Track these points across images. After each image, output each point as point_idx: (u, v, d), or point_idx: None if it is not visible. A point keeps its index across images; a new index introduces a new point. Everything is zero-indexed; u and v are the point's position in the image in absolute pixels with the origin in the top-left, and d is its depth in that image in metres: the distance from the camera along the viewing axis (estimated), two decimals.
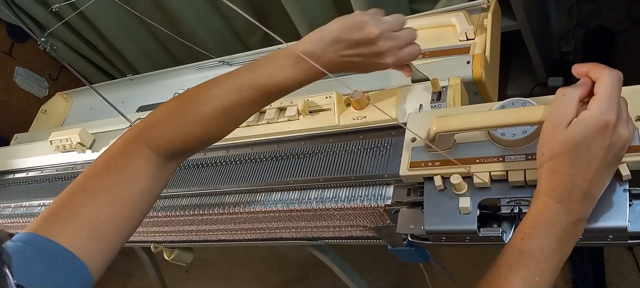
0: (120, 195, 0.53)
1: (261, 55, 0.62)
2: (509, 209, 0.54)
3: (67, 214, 0.50)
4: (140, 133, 0.57)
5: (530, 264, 0.45)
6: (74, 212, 0.50)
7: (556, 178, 0.46)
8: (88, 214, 0.50)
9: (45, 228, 0.48)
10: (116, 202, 0.52)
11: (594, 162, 0.44)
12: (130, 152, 0.55)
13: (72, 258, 0.47)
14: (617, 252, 1.24)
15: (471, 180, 0.56)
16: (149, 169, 0.55)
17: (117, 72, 1.67)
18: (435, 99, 0.69)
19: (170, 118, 0.58)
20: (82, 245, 0.48)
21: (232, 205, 0.76)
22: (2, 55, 1.53)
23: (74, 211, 0.50)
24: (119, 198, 0.53)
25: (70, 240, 0.47)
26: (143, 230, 0.93)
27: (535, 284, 0.44)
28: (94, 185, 0.53)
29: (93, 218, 0.50)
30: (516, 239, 0.47)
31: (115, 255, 0.52)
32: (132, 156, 0.55)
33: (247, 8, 1.32)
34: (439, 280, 0.92)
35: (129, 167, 0.54)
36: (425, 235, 0.59)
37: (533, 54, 1.30)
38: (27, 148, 1.09)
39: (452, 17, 0.82)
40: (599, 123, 0.44)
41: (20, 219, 1.00)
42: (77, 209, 0.50)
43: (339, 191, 0.68)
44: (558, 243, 0.45)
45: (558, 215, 0.46)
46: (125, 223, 0.53)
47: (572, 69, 0.48)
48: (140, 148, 0.56)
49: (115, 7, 1.36)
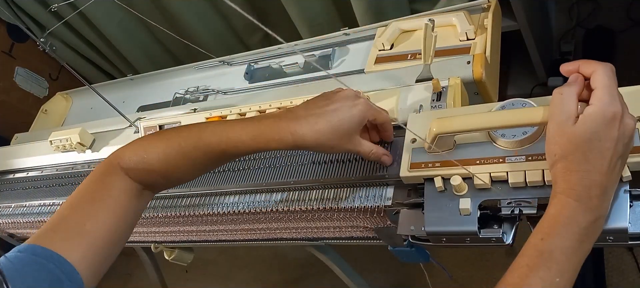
0: (104, 206, 0.57)
1: (261, 55, 0.62)
2: (510, 210, 0.54)
3: (55, 225, 0.54)
4: (118, 153, 0.60)
5: (550, 265, 0.44)
6: (61, 221, 0.54)
7: (572, 176, 0.46)
8: (74, 223, 0.54)
9: (35, 238, 0.52)
10: (101, 212, 0.56)
11: (607, 154, 0.44)
12: (108, 168, 0.59)
13: (62, 261, 0.50)
14: (617, 252, 1.24)
15: (471, 181, 0.56)
16: (123, 186, 0.59)
17: (117, 72, 1.67)
18: (435, 99, 0.69)
19: (140, 143, 0.61)
20: (71, 249, 0.51)
21: (232, 205, 0.76)
22: (2, 55, 1.53)
23: (62, 220, 0.54)
24: (103, 208, 0.56)
25: (59, 245, 0.51)
26: (143, 231, 0.93)
27: (556, 285, 0.44)
28: (77, 200, 0.57)
29: (80, 226, 0.54)
30: (535, 239, 0.46)
31: (106, 265, 0.55)
32: (111, 171, 0.59)
33: (247, 8, 1.32)
34: (439, 280, 0.92)
35: (108, 182, 0.58)
36: (425, 237, 0.59)
37: (533, 54, 1.30)
38: (27, 148, 1.09)
39: (452, 17, 0.82)
40: (607, 115, 0.44)
41: (21, 219, 1.00)
42: (64, 219, 0.55)
43: (340, 191, 0.68)
44: (578, 242, 0.45)
45: (578, 214, 0.45)
46: (112, 233, 0.56)
47: (561, 68, 0.49)
48: (116, 167, 0.59)
49: (115, 7, 1.36)
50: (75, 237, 0.53)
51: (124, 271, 1.96)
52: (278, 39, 0.53)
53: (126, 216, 0.58)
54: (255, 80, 1.00)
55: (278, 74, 0.98)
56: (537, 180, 0.53)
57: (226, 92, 1.02)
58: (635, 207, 0.49)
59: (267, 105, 0.78)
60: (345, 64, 0.93)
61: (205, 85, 1.05)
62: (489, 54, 0.75)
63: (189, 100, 1.06)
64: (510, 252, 1.15)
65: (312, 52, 0.96)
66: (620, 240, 0.50)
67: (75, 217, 0.54)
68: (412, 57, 0.82)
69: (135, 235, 0.95)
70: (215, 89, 1.03)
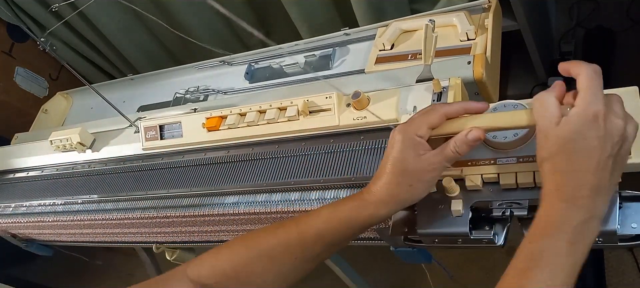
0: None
1: (261, 55, 0.62)
2: (501, 212, 0.54)
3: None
4: (185, 264, 0.59)
5: (542, 266, 0.44)
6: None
7: (558, 177, 0.46)
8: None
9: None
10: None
11: (594, 153, 0.44)
12: (174, 273, 0.59)
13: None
14: (617, 252, 1.24)
15: (464, 183, 0.56)
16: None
17: (117, 72, 1.67)
18: (436, 100, 0.69)
19: (214, 250, 0.59)
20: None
21: (232, 206, 0.76)
22: (2, 55, 1.53)
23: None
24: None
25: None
26: (144, 231, 0.93)
27: (550, 287, 0.43)
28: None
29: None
30: (526, 242, 0.46)
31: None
32: (175, 275, 0.59)
33: (247, 8, 1.32)
34: (439, 280, 0.92)
35: (170, 283, 0.59)
36: (418, 238, 0.59)
37: (533, 54, 1.30)
38: (27, 148, 1.09)
39: (453, 17, 0.82)
40: (588, 114, 0.44)
41: (21, 219, 1.00)
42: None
43: (340, 192, 0.68)
44: (569, 243, 0.44)
45: (567, 213, 0.45)
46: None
47: (559, 67, 0.49)
48: (181, 273, 0.58)
49: (115, 7, 1.36)
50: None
51: (125, 271, 1.96)
52: (272, 43, 0.52)
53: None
54: (255, 80, 1.00)
55: (278, 74, 0.98)
56: (528, 182, 0.53)
57: (226, 92, 1.02)
58: (624, 208, 0.50)
59: (267, 105, 0.78)
60: (345, 64, 0.93)
61: (205, 85, 1.05)
62: (489, 54, 0.75)
63: (189, 100, 1.06)
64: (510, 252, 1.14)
65: (313, 52, 0.96)
66: (609, 241, 0.50)
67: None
68: (413, 57, 0.82)
69: (137, 235, 0.95)
70: (216, 89, 1.03)
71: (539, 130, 0.47)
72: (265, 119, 0.78)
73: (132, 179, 0.90)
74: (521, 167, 0.54)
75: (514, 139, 0.55)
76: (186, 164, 0.85)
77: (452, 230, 0.56)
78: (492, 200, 0.54)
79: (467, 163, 0.57)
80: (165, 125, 0.88)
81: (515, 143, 0.55)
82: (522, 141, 0.55)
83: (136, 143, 0.92)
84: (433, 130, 0.54)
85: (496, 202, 0.54)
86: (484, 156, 0.56)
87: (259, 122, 0.79)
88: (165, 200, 0.84)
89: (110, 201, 0.90)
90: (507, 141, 0.55)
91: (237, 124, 0.80)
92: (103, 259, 2.00)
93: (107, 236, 0.99)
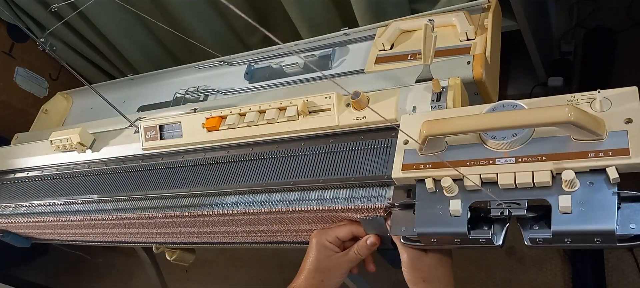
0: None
1: (261, 55, 0.62)
2: (499, 212, 0.54)
3: None
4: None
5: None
6: None
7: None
8: None
9: None
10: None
11: None
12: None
13: None
14: (617, 252, 1.24)
15: (462, 183, 0.56)
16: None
17: (117, 72, 1.67)
18: (435, 100, 0.69)
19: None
20: None
21: (232, 206, 0.76)
22: (2, 55, 1.53)
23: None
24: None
25: None
26: (144, 231, 0.93)
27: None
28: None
29: None
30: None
31: None
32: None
33: (247, 8, 1.32)
34: None
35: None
36: (416, 237, 0.59)
37: (533, 54, 1.30)
38: (27, 148, 1.09)
39: (452, 17, 0.82)
40: None
41: (21, 219, 1.00)
42: None
43: (339, 192, 0.69)
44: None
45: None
46: None
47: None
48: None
49: (115, 7, 1.36)
50: None
51: (125, 271, 1.97)
52: (276, 41, 0.53)
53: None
54: (255, 80, 1.00)
55: (278, 74, 0.98)
56: (527, 182, 0.53)
57: (226, 92, 1.02)
58: (623, 208, 0.49)
59: (267, 105, 0.78)
60: (345, 64, 0.93)
61: (205, 85, 1.06)
62: (489, 54, 0.75)
63: (189, 100, 1.06)
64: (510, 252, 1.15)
65: (312, 52, 0.96)
66: (607, 241, 0.50)
67: None
68: (412, 57, 0.82)
69: (136, 235, 0.95)
70: (216, 89, 1.03)
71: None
72: (265, 119, 0.78)
73: (132, 179, 0.90)
74: (520, 167, 0.54)
75: (513, 139, 0.55)
76: (186, 164, 0.85)
77: (450, 230, 0.56)
78: (491, 200, 0.54)
79: (466, 163, 0.57)
80: (165, 125, 0.88)
81: (514, 143, 0.55)
82: (521, 141, 0.55)
83: (136, 143, 0.92)
84: (340, 239, 0.71)
85: (495, 202, 0.54)
86: (483, 156, 0.56)
87: (258, 122, 0.79)
88: (165, 200, 0.84)
89: (110, 201, 0.90)
90: (506, 141, 0.55)
91: (237, 124, 0.80)
92: (103, 259, 2.00)
93: (107, 236, 0.99)
